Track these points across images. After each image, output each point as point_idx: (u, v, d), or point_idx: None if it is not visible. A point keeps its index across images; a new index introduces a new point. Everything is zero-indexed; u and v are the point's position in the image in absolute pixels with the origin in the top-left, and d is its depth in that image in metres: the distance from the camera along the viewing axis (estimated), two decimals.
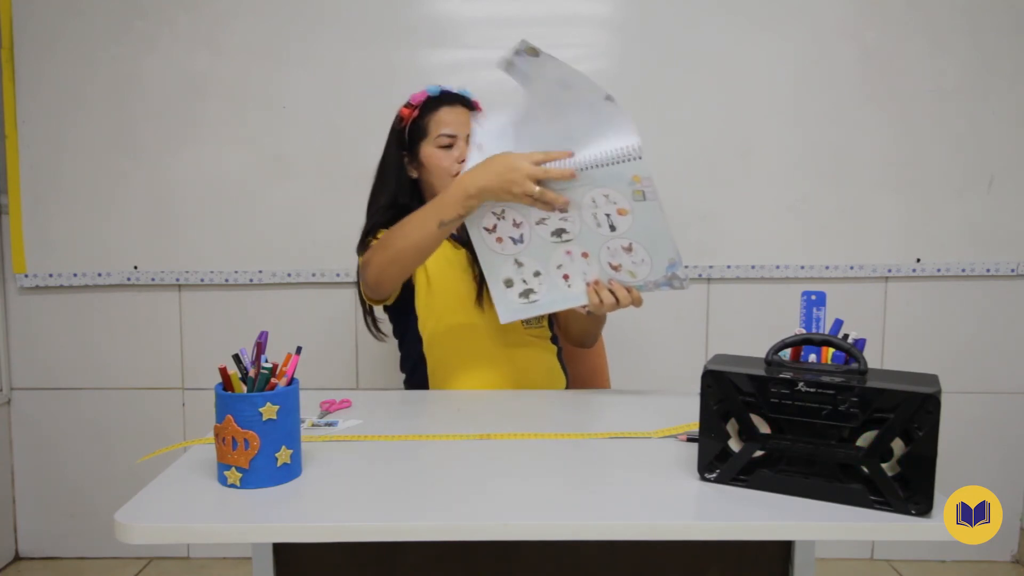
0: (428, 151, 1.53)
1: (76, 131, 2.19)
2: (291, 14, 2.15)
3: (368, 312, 1.58)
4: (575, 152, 1.26)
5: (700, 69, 2.16)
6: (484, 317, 1.50)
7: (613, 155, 1.23)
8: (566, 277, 1.35)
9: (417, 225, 1.34)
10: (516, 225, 1.32)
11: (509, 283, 1.37)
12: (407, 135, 1.55)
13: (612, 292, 1.33)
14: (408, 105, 1.56)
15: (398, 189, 1.55)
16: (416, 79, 1.96)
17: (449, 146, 1.52)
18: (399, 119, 1.56)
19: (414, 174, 1.57)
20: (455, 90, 1.58)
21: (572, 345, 1.65)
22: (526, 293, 1.37)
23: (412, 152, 1.55)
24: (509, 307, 1.38)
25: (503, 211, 1.31)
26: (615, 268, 1.34)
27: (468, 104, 1.57)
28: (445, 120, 1.52)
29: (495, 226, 1.33)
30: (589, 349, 1.77)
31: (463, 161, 1.49)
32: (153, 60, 2.17)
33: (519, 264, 1.35)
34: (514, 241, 1.33)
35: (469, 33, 2.17)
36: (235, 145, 2.19)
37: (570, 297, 1.37)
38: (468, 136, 1.50)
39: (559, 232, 1.31)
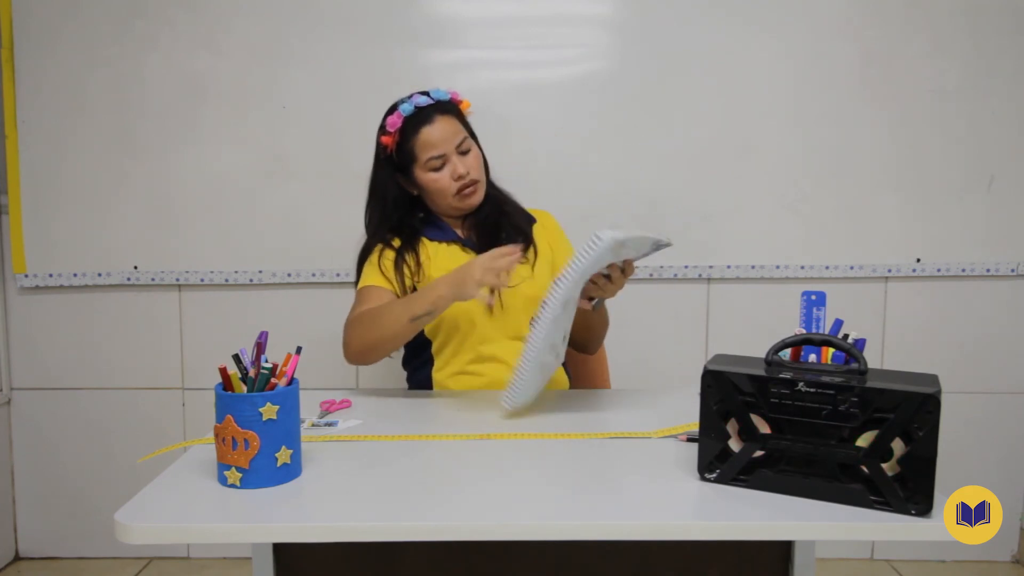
0: (422, 176, 1.53)
1: (76, 131, 2.19)
2: (291, 14, 2.15)
3: None
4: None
5: (700, 69, 2.16)
6: (493, 318, 1.51)
7: (582, 260, 1.19)
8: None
9: (392, 318, 1.40)
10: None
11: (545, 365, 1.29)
12: (396, 160, 1.54)
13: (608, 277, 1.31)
14: (387, 133, 1.53)
15: (392, 209, 1.57)
16: (416, 79, 1.96)
17: (441, 166, 1.51)
18: (382, 148, 1.55)
19: (415, 191, 1.58)
20: (429, 97, 1.53)
21: (576, 351, 1.65)
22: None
23: (407, 175, 1.55)
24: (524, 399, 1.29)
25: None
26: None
27: (446, 108, 1.53)
28: (429, 142, 1.50)
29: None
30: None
31: (459, 178, 1.51)
32: (153, 60, 2.17)
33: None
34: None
35: (469, 33, 2.17)
36: (235, 145, 2.19)
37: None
38: (460, 142, 1.51)
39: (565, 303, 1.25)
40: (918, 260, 2.21)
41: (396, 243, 1.55)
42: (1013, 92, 2.14)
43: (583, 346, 1.62)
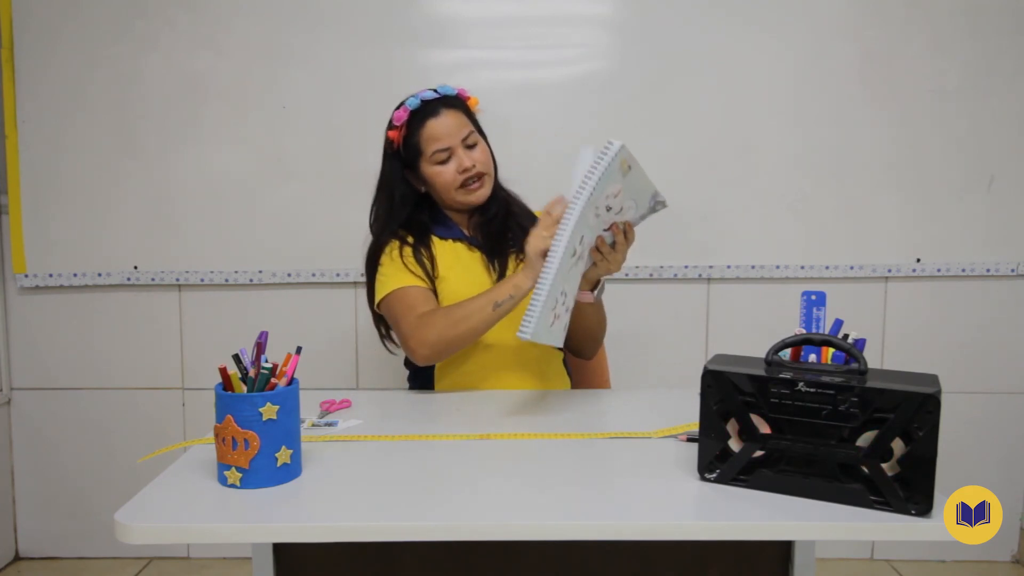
0: (428, 170, 1.53)
1: (76, 131, 2.19)
2: (291, 14, 2.15)
3: (385, 335, 1.60)
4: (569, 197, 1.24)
5: (700, 69, 2.16)
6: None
7: (597, 167, 1.22)
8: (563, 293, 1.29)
9: (476, 308, 1.40)
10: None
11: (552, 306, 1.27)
12: (403, 155, 1.54)
13: (612, 247, 1.35)
14: (393, 127, 1.53)
15: (399, 205, 1.56)
16: (416, 79, 1.96)
17: (447, 159, 1.52)
18: (390, 142, 1.55)
19: (422, 188, 1.58)
20: (436, 92, 1.54)
21: (573, 355, 1.65)
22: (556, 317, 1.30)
23: (414, 170, 1.56)
24: (540, 329, 1.25)
25: (581, 238, 1.27)
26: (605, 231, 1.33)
27: (452, 103, 1.54)
28: (435, 135, 1.50)
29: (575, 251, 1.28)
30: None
31: (465, 170, 1.51)
32: (153, 60, 2.17)
33: (564, 293, 1.29)
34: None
35: (469, 33, 2.17)
36: (235, 145, 2.19)
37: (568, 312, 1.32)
38: (467, 135, 1.52)
39: (573, 252, 1.26)
40: (918, 260, 2.21)
41: (410, 239, 1.55)
42: (1013, 92, 2.14)
43: (579, 350, 1.61)
